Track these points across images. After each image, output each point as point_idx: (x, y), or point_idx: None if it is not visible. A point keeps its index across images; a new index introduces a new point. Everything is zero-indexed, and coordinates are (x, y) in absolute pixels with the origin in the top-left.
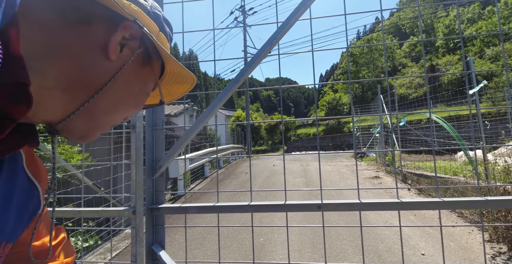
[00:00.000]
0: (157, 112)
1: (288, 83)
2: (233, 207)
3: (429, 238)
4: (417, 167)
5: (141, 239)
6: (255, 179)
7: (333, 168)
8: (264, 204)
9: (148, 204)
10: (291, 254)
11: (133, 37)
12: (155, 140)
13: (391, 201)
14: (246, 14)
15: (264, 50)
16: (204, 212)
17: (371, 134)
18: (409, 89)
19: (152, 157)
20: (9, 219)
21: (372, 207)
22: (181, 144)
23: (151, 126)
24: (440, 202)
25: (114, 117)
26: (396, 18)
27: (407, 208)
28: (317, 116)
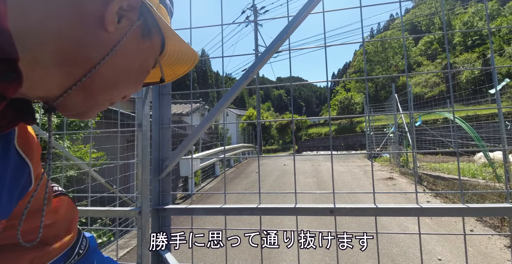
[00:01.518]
0: (163, 111)
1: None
2: (241, 210)
3: (446, 243)
4: (433, 169)
5: (147, 240)
6: (266, 178)
7: (345, 168)
8: (273, 207)
9: (154, 204)
10: (302, 256)
11: (131, 8)
12: (162, 138)
13: (409, 207)
14: (257, 13)
15: (274, 45)
16: (211, 214)
17: (385, 134)
18: (424, 88)
19: (158, 156)
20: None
21: (389, 213)
22: (188, 143)
23: (158, 125)
24: (465, 208)
25: (112, 95)
26: (412, 15)
27: (427, 214)
28: (330, 115)
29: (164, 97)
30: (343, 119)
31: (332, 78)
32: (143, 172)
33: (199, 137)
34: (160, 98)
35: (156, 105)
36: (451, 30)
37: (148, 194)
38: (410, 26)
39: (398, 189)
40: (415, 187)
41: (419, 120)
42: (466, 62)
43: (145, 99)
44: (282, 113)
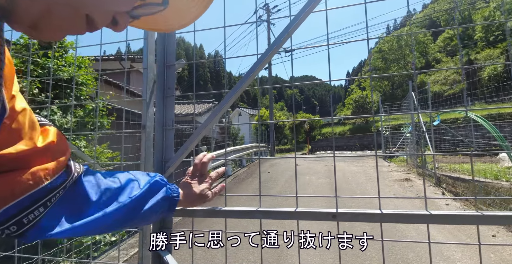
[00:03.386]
0: (167, 112)
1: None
2: (241, 212)
3: (465, 248)
4: (452, 170)
5: (148, 242)
6: (277, 179)
7: (359, 168)
8: (274, 210)
9: None
10: (312, 259)
11: None
12: (165, 140)
13: (418, 213)
14: (270, 12)
15: (274, 45)
16: (211, 216)
17: (401, 133)
18: (444, 86)
19: (161, 158)
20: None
21: (395, 219)
22: (190, 144)
23: (161, 126)
24: (480, 216)
25: None
26: (430, 10)
27: (437, 222)
28: (332, 116)
29: (168, 99)
30: (358, 119)
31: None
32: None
33: (201, 137)
34: (164, 100)
35: (160, 107)
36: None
37: None
38: (429, 22)
39: (415, 190)
40: (424, 192)
41: (437, 119)
42: (488, 59)
43: (149, 101)
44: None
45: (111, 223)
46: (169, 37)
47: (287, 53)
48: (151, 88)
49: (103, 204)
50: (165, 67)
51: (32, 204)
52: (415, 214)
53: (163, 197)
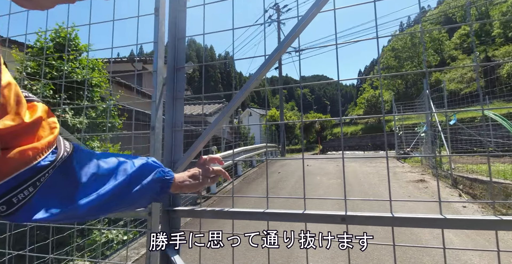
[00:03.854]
0: (176, 114)
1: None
2: (248, 214)
3: (484, 252)
4: (470, 170)
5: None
6: (288, 179)
7: (372, 169)
8: (281, 212)
9: (165, 205)
10: (323, 261)
11: None
12: (174, 141)
13: (432, 217)
14: (280, 12)
15: (282, 46)
16: (219, 217)
17: (416, 133)
18: (460, 84)
19: (170, 158)
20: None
21: (407, 223)
22: (198, 145)
23: (171, 127)
24: (498, 221)
25: None
26: (445, 6)
27: (453, 226)
28: (341, 116)
29: (178, 101)
30: (371, 119)
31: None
32: None
33: (209, 138)
34: (174, 102)
35: (169, 109)
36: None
37: None
38: (444, 18)
39: (430, 192)
40: (439, 195)
41: (454, 119)
42: (506, 56)
43: (158, 103)
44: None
45: (103, 205)
46: (179, 40)
47: (297, 53)
48: (161, 90)
49: (95, 185)
50: (175, 70)
51: (21, 184)
52: (429, 218)
53: (155, 178)
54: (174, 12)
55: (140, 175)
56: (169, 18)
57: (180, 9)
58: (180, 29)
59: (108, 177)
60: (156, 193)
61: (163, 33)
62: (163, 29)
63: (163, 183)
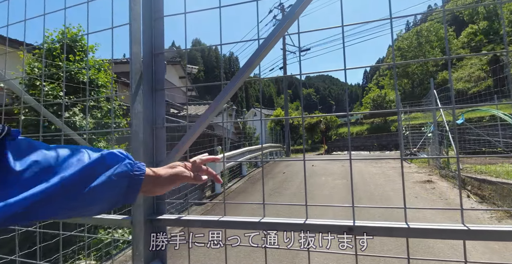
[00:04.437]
0: (157, 108)
1: (329, 80)
2: (242, 223)
3: (493, 255)
4: (478, 171)
5: (140, 253)
6: (293, 179)
7: (378, 169)
8: (279, 222)
9: (148, 214)
10: (328, 263)
11: None
12: (155, 140)
13: (453, 228)
14: (284, 11)
15: (276, 32)
16: (208, 226)
17: (423, 133)
18: (468, 83)
19: (152, 160)
20: None
21: (425, 234)
22: (184, 144)
23: (150, 124)
24: None
25: None
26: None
27: (476, 238)
28: (348, 112)
29: (158, 93)
30: (377, 118)
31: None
32: None
33: (196, 136)
34: (153, 94)
35: (148, 103)
36: (498, 19)
37: (141, 201)
38: (451, 17)
39: (438, 193)
40: (461, 202)
41: (461, 118)
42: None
43: (135, 95)
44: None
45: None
46: (156, 21)
47: (302, 52)
48: (137, 81)
49: (34, 178)
50: (153, 56)
51: None
52: (449, 229)
53: (120, 172)
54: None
55: (99, 168)
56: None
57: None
58: (157, 7)
59: (54, 168)
60: (122, 191)
61: (137, 12)
62: (138, 7)
63: (130, 180)
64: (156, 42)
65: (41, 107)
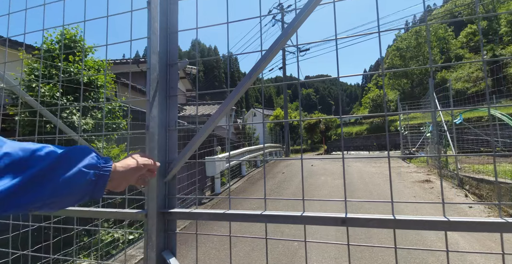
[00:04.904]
0: (170, 113)
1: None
2: (246, 216)
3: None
4: (476, 171)
5: (153, 244)
6: (292, 179)
7: (377, 169)
8: (279, 215)
9: (160, 207)
10: (327, 261)
11: None
12: (168, 141)
13: (435, 219)
14: (284, 12)
15: (279, 41)
16: (215, 219)
17: (421, 133)
18: (467, 83)
19: (165, 159)
20: None
21: (410, 225)
22: (193, 145)
23: (164, 127)
24: (504, 224)
25: None
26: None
27: (457, 229)
28: (341, 115)
29: (171, 99)
30: (376, 118)
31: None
32: None
33: (204, 138)
34: (168, 100)
35: (163, 108)
36: (496, 20)
37: (154, 196)
38: (450, 17)
39: (436, 192)
40: (442, 196)
41: (460, 118)
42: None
43: (152, 101)
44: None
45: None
46: (172, 35)
47: (301, 52)
48: (155, 88)
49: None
50: (168, 66)
51: None
52: (431, 220)
53: (87, 165)
54: (165, 5)
55: (68, 160)
56: (160, 11)
57: (172, 2)
58: (172, 23)
59: (25, 163)
60: (89, 185)
61: (156, 27)
62: (156, 23)
63: (98, 172)
64: (171, 54)
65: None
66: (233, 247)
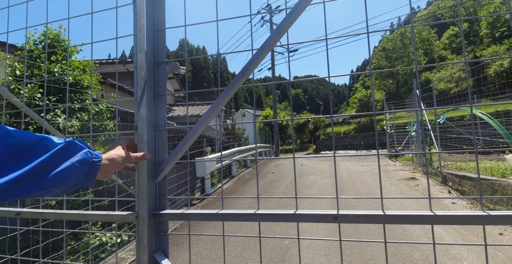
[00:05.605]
0: (159, 112)
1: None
2: (239, 216)
3: (472, 247)
4: (459, 168)
5: (144, 245)
6: (282, 179)
7: (365, 168)
8: (272, 213)
9: (151, 209)
10: (317, 259)
11: None
12: (158, 141)
13: (422, 214)
14: (273, 13)
15: (270, 40)
16: (208, 219)
17: (407, 132)
18: (449, 83)
19: (154, 160)
20: None
21: (399, 220)
22: (184, 146)
23: (154, 127)
24: (485, 216)
25: None
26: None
27: (442, 222)
28: (332, 114)
29: (160, 98)
30: (363, 118)
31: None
32: (139, 175)
33: (195, 138)
34: (156, 99)
35: (151, 107)
36: (477, 22)
37: (145, 198)
38: (433, 19)
39: (421, 189)
40: (429, 192)
41: (442, 117)
42: (494, 55)
43: (140, 101)
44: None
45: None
46: (159, 33)
47: (290, 53)
48: (142, 87)
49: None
50: (156, 65)
51: None
52: (419, 215)
53: (80, 159)
54: (152, 2)
55: (64, 154)
56: (146, 7)
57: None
58: (159, 20)
59: (27, 154)
60: (82, 177)
61: (142, 24)
62: (142, 19)
63: (90, 166)
64: (158, 52)
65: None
66: (225, 247)
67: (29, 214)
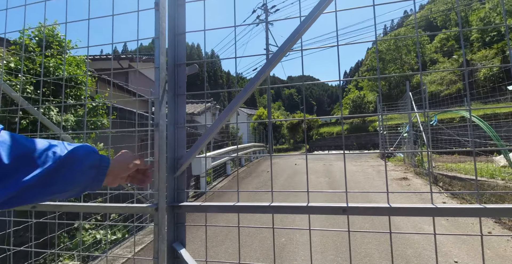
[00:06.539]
0: (179, 111)
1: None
2: (254, 208)
3: (463, 245)
4: (449, 169)
5: (163, 236)
6: (277, 178)
7: (358, 168)
8: (286, 205)
9: (170, 201)
10: (313, 256)
11: None
12: (177, 138)
13: (424, 207)
14: (268, 12)
15: (286, 46)
16: (225, 211)
17: (399, 133)
18: (440, 86)
19: (173, 155)
20: None
21: (403, 212)
22: (202, 142)
23: (173, 124)
24: (481, 209)
25: None
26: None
27: (442, 214)
28: (342, 115)
29: (180, 97)
30: (356, 119)
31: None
32: (160, 170)
33: (213, 136)
34: (176, 98)
35: (171, 106)
36: (468, 26)
37: (164, 191)
38: (425, 23)
39: (413, 189)
40: (430, 186)
41: (434, 119)
42: (484, 59)
43: (162, 100)
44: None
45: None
46: (179, 36)
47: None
48: (163, 87)
49: (18, 168)
50: (176, 66)
51: None
52: (422, 207)
53: (90, 164)
54: (173, 7)
55: (74, 159)
56: (168, 13)
57: (179, 3)
58: (180, 24)
59: (35, 160)
60: (89, 180)
61: (164, 28)
62: (164, 24)
63: (98, 170)
64: (179, 54)
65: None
66: (222, 244)
67: (47, 206)
